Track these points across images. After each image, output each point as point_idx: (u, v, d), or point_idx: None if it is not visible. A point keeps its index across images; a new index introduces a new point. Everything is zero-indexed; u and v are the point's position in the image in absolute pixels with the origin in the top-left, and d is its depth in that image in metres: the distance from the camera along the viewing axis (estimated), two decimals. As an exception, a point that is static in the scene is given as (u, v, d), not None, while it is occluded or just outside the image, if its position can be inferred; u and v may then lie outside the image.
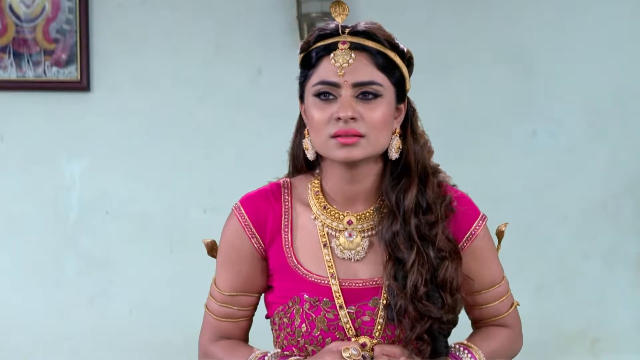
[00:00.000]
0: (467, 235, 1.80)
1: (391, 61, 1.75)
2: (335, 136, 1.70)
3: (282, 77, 3.79)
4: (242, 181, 3.73)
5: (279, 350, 1.78)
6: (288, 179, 1.86)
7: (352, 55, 1.71)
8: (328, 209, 1.78)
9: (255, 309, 1.87)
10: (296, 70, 3.96)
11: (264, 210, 1.80)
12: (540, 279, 3.94)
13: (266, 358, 1.77)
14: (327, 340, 1.73)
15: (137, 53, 3.74)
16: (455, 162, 4.00)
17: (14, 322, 3.66)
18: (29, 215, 3.68)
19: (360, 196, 1.78)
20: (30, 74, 3.66)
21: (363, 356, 1.71)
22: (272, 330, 1.85)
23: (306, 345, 1.75)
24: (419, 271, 1.71)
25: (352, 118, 1.69)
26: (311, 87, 1.74)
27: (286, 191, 1.82)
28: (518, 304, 1.90)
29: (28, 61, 3.66)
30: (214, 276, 1.88)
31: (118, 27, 3.73)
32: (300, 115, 1.84)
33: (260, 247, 1.80)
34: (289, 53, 3.78)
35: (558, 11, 3.96)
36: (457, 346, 1.79)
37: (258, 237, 1.80)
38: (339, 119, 1.69)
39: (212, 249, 1.91)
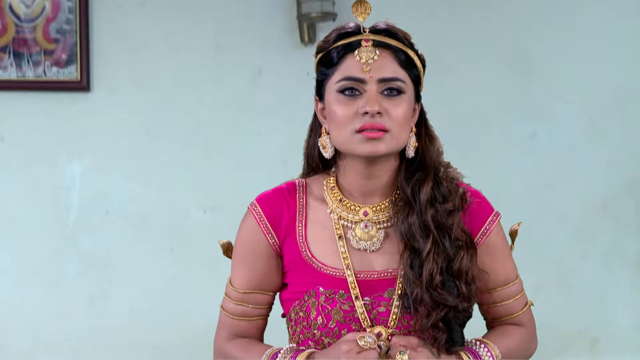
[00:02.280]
0: (482, 230, 1.82)
1: (411, 59, 1.79)
2: (360, 130, 1.72)
3: (282, 77, 3.80)
4: (242, 181, 3.77)
5: (294, 345, 1.80)
6: (303, 179, 1.88)
7: (377, 52, 1.75)
8: (344, 201, 1.81)
9: (270, 308, 1.88)
10: (296, 70, 3.93)
11: (279, 206, 1.82)
12: (539, 279, 3.94)
13: (281, 352, 1.77)
14: (343, 332, 1.75)
15: (137, 53, 3.74)
16: (455, 162, 4.02)
17: (14, 322, 3.66)
18: (29, 215, 3.68)
19: (376, 191, 1.81)
20: (30, 74, 3.66)
21: (379, 345, 1.73)
22: (288, 329, 1.86)
23: (322, 338, 1.77)
24: (434, 260, 1.73)
25: (379, 112, 1.72)
26: (334, 84, 1.76)
27: (301, 189, 1.85)
28: (532, 304, 1.91)
29: (28, 61, 3.66)
30: (229, 276, 1.88)
31: (118, 27, 3.73)
32: (315, 115, 1.85)
33: (275, 244, 1.82)
34: (289, 53, 3.79)
35: (558, 11, 3.97)
36: (474, 341, 1.80)
37: (273, 233, 1.82)
38: (365, 113, 1.72)
39: (227, 250, 1.93)
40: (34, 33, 3.66)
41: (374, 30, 1.78)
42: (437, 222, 1.76)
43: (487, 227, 1.82)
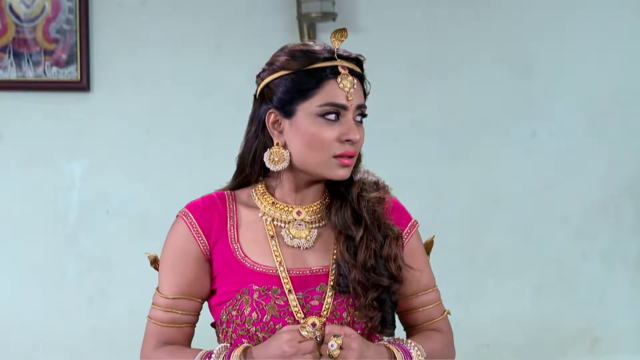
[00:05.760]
0: (403, 233, 1.90)
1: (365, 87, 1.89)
2: (339, 156, 1.80)
3: (282, 77, 3.80)
4: (242, 181, 3.77)
5: (227, 344, 1.81)
6: (231, 191, 1.95)
7: (355, 81, 1.83)
8: (276, 204, 1.88)
9: (198, 316, 1.91)
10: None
11: (210, 213, 1.90)
12: (540, 279, 3.94)
13: (214, 352, 1.79)
14: (277, 326, 1.78)
15: (137, 53, 3.74)
16: (455, 162, 4.03)
17: (14, 322, 3.66)
18: (29, 215, 3.68)
19: (309, 196, 1.89)
20: (30, 74, 3.66)
21: (316, 336, 1.77)
22: (218, 335, 1.89)
23: (257, 333, 1.79)
24: (367, 245, 1.82)
25: None
26: (315, 107, 1.80)
27: (230, 197, 1.93)
28: (449, 313, 1.97)
29: (28, 61, 3.66)
30: (156, 286, 1.91)
31: (118, 27, 3.73)
32: (257, 126, 1.91)
33: (206, 249, 1.87)
34: (289, 53, 3.78)
35: (558, 11, 3.97)
36: (401, 338, 1.86)
37: (204, 237, 1.87)
38: (348, 140, 1.79)
39: (154, 261, 1.99)
40: (34, 33, 3.66)
41: (348, 58, 1.85)
42: (368, 210, 1.84)
43: (408, 231, 1.92)
